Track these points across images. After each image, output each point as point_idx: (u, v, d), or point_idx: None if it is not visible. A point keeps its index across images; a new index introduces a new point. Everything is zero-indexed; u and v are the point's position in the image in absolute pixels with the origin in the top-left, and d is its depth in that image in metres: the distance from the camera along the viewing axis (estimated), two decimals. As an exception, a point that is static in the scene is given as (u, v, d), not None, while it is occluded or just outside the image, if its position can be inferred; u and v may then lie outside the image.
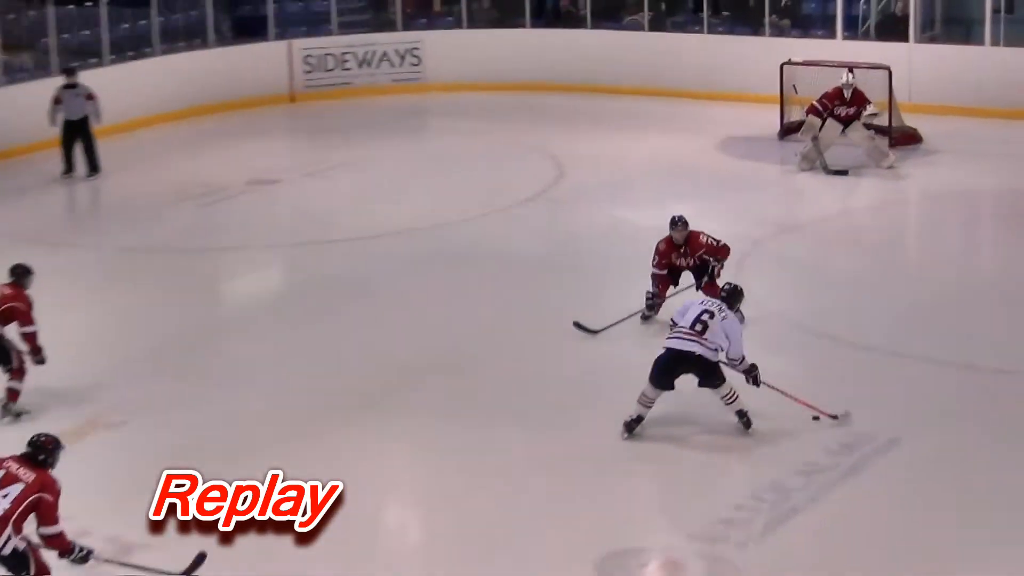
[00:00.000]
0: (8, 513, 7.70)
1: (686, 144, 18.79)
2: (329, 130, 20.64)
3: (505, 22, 23.21)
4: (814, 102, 16.79)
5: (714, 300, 10.27)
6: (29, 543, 7.76)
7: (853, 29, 21.06)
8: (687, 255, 11.93)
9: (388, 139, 19.31)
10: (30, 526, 7.78)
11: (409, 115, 21.42)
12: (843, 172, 16.68)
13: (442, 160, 18.46)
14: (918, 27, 20.26)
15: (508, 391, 10.82)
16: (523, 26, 22.88)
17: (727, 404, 9.96)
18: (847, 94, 16.69)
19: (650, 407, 9.97)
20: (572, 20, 22.86)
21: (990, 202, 16.65)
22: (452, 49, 22.79)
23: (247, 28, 22.21)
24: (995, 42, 19.80)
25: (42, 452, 7.98)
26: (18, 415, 10.65)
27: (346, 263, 14.08)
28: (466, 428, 10.22)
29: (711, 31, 21.74)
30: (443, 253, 14.22)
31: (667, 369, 10.00)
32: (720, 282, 10.99)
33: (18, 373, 10.68)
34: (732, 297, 10.24)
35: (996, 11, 19.83)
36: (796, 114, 18.24)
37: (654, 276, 11.99)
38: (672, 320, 10.24)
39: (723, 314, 9.96)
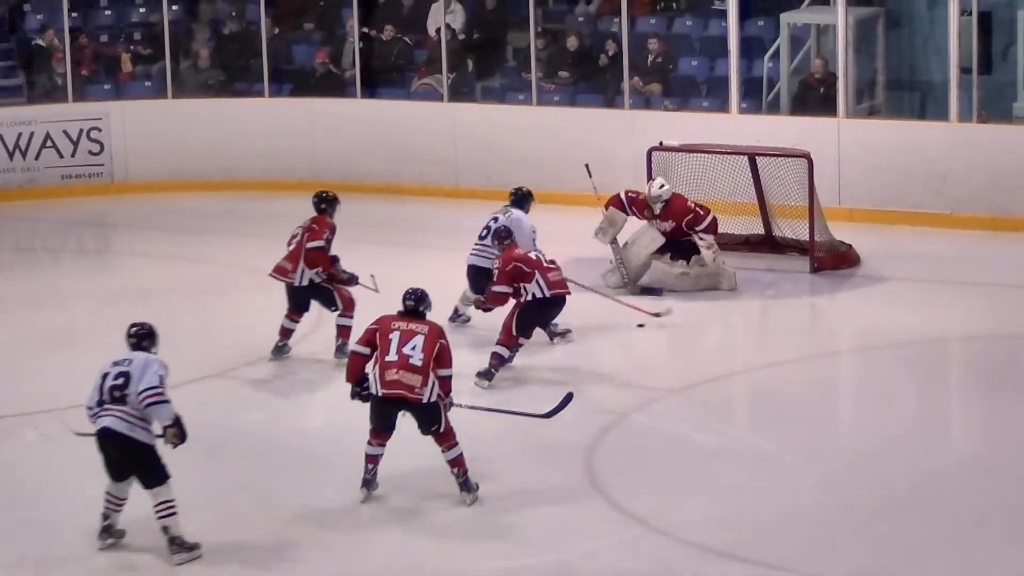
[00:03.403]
0: (426, 361, 9.88)
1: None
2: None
3: (232, 88, 21.61)
4: (620, 194, 15.73)
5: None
6: (441, 397, 9.91)
7: (755, 98, 19.60)
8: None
9: (53, 269, 18.11)
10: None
11: (87, 230, 20.19)
12: (655, 291, 15.53)
13: (136, 301, 16.35)
14: (851, 95, 18.64)
15: None
16: (260, 94, 21.21)
17: None
18: (656, 209, 15.52)
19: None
20: (333, 84, 21.14)
21: (956, 360, 15.05)
22: (151, 129, 21.04)
23: None
24: (964, 117, 18.06)
25: (422, 303, 10.07)
26: None
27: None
28: None
29: (543, 100, 20.19)
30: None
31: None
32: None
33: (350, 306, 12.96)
34: None
35: (965, 71, 18.10)
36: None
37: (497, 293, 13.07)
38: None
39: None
